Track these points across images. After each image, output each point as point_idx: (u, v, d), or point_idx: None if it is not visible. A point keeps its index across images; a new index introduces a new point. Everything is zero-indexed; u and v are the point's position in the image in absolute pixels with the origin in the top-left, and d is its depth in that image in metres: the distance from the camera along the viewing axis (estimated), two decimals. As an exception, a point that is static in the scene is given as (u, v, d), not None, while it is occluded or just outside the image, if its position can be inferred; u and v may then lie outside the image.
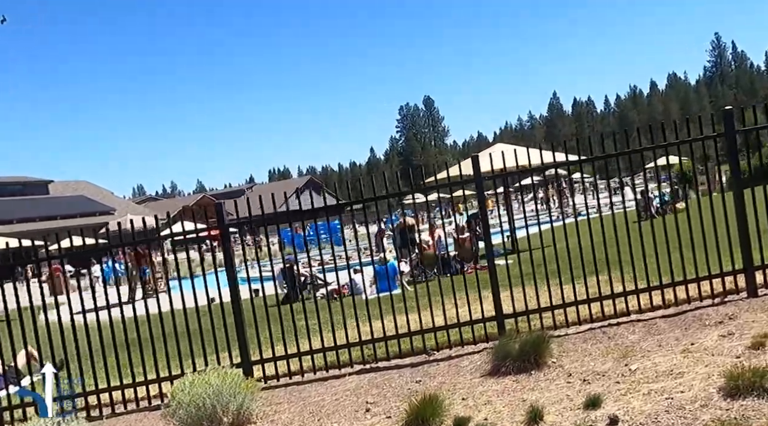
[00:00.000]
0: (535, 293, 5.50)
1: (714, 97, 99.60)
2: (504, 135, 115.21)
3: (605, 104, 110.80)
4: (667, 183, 20.44)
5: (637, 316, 5.51)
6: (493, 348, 4.79)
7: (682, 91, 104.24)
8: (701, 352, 4.35)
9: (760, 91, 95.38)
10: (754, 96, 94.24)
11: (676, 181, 20.53)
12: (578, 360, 4.67)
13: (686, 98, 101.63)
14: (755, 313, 5.03)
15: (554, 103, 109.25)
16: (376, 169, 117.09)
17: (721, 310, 5.26)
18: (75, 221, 40.13)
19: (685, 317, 5.25)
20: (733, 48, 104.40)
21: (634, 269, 5.57)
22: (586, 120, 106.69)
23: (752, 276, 5.45)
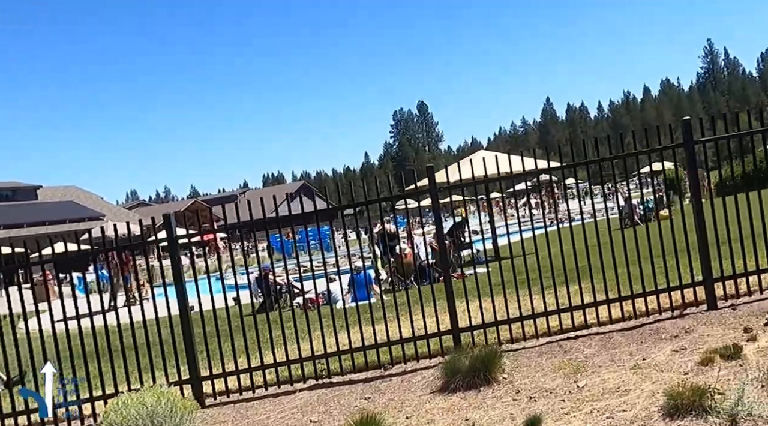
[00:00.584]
0: (504, 304, 5.42)
1: (707, 103, 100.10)
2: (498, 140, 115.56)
3: (599, 110, 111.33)
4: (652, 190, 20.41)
5: (597, 328, 5.44)
6: (444, 364, 4.71)
7: (675, 97, 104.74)
8: (651, 368, 4.28)
9: (752, 97, 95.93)
10: (747, 102, 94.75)
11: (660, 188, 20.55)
12: (529, 375, 4.59)
13: (679, 104, 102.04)
14: (711, 327, 4.97)
15: (548, 108, 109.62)
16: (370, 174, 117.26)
17: (679, 323, 5.20)
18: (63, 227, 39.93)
19: (642, 330, 5.19)
20: (725, 54, 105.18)
21: (604, 279, 5.51)
22: (579, 126, 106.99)
23: (711, 288, 5.39)
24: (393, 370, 5.30)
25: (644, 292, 5.44)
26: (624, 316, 5.50)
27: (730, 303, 5.43)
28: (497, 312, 5.44)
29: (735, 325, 4.92)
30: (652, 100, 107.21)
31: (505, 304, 5.41)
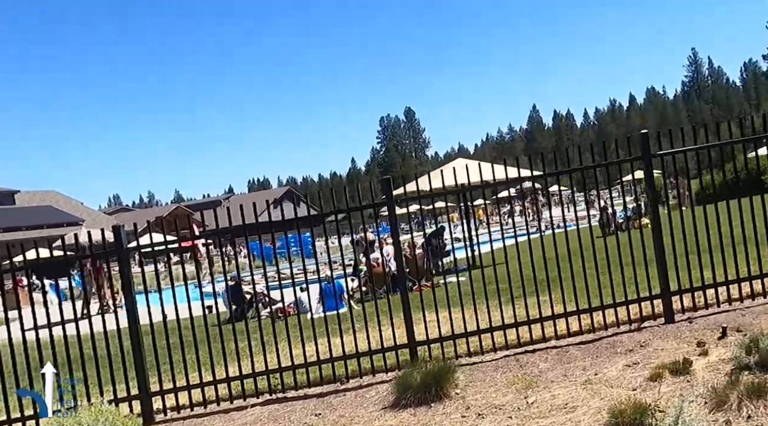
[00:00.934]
0: (470, 315, 5.39)
1: (691, 112, 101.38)
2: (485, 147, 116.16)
3: (584, 117, 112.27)
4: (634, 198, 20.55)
5: (555, 342, 5.44)
6: (396, 379, 4.67)
7: (660, 105, 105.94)
8: (601, 384, 4.28)
9: (736, 106, 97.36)
10: (730, 110, 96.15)
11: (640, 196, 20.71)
12: (482, 391, 4.57)
13: (664, 112, 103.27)
14: (666, 341, 4.99)
15: (534, 116, 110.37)
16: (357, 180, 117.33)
17: (635, 336, 5.21)
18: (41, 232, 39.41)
19: (599, 344, 5.19)
20: (709, 63, 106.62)
21: (562, 292, 5.52)
22: (565, 133, 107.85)
23: (669, 301, 5.42)
24: (349, 384, 5.25)
25: (602, 306, 5.45)
26: (583, 329, 5.51)
27: (687, 316, 5.46)
28: (461, 324, 5.43)
29: (690, 338, 4.95)
30: (637, 108, 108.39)
31: (463, 318, 5.39)
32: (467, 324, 5.47)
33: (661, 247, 5.42)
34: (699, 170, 23.87)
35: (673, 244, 5.49)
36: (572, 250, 5.72)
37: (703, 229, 5.74)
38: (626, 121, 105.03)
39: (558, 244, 5.53)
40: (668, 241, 5.50)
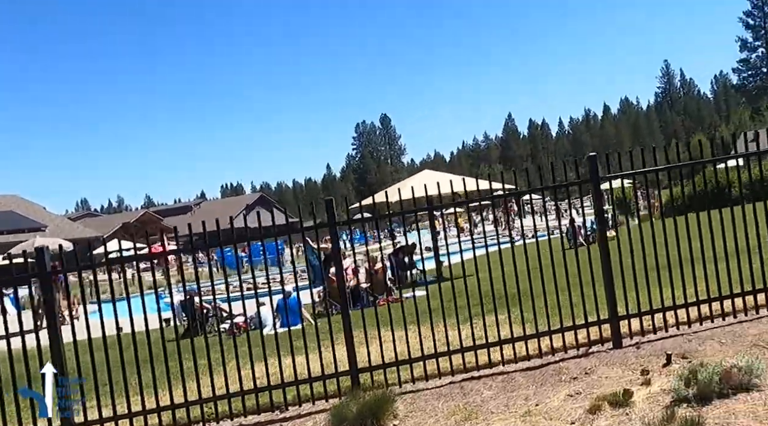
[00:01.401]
0: (427, 335, 5.25)
1: (663, 123, 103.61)
2: (461, 154, 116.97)
3: (559, 126, 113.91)
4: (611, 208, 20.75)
5: (503, 367, 5.33)
6: (332, 409, 4.52)
7: (633, 116, 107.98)
8: (541, 416, 4.19)
9: (707, 117, 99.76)
10: (701, 122, 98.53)
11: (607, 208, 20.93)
12: (422, 422, 4.44)
13: (637, 123, 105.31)
14: (612, 368, 4.93)
15: (510, 124, 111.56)
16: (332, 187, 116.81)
17: (582, 363, 5.14)
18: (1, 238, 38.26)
19: (546, 371, 5.11)
20: (681, 75, 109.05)
21: (509, 314, 5.44)
22: (540, 142, 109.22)
23: (617, 326, 5.37)
24: (288, 413, 5.08)
25: (549, 331, 5.38)
26: (532, 355, 5.42)
27: (636, 341, 5.42)
28: (414, 345, 5.28)
29: (635, 365, 4.89)
30: (611, 118, 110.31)
31: (420, 340, 5.26)
32: (419, 346, 5.34)
33: (609, 272, 5.37)
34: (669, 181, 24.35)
35: (622, 262, 5.45)
36: (542, 264, 5.55)
37: (663, 244, 5.69)
38: (600, 130, 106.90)
39: (527, 257, 5.44)
40: (626, 260, 5.47)
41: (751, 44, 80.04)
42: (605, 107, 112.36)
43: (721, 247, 5.62)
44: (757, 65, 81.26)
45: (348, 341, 5.06)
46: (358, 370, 5.10)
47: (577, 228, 18.52)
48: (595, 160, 5.42)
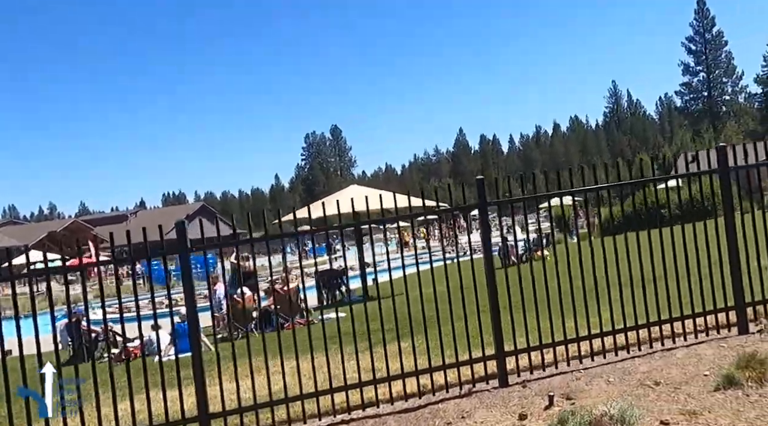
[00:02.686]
0: (289, 378, 4.76)
1: (611, 142, 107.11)
2: (412, 168, 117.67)
3: (510, 143, 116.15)
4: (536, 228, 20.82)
5: (377, 409, 4.91)
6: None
7: (582, 134, 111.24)
8: (397, 471, 3.80)
9: (651, 138, 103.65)
10: (646, 142, 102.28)
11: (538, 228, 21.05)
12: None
13: (585, 141, 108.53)
14: (491, 410, 4.60)
15: (460, 139, 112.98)
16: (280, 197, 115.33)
17: (462, 404, 4.80)
18: None
19: (422, 413, 4.73)
20: (628, 96, 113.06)
21: (400, 350, 5.05)
22: (491, 157, 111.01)
23: (503, 363, 5.06)
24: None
25: (429, 369, 5.02)
26: (412, 393, 5.03)
27: (523, 379, 5.11)
28: (291, 382, 4.80)
29: (516, 407, 4.58)
30: (561, 135, 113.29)
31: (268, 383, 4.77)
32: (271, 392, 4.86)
33: (495, 305, 5.07)
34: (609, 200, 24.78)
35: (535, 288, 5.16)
36: (463, 286, 5.16)
37: (591, 267, 5.42)
38: (550, 148, 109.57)
39: (453, 277, 5.10)
40: (551, 283, 5.21)
41: (692, 68, 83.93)
42: (555, 125, 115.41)
43: (647, 271, 5.43)
44: (698, 89, 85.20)
45: (197, 380, 4.53)
46: (210, 416, 4.58)
47: (509, 247, 18.55)
48: (482, 183, 5.13)
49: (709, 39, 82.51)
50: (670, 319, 5.47)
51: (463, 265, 5.27)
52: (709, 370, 4.74)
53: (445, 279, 5.15)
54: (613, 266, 5.42)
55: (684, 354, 5.20)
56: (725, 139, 67.03)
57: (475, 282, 5.05)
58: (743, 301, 5.48)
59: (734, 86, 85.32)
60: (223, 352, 8.32)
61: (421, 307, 5.23)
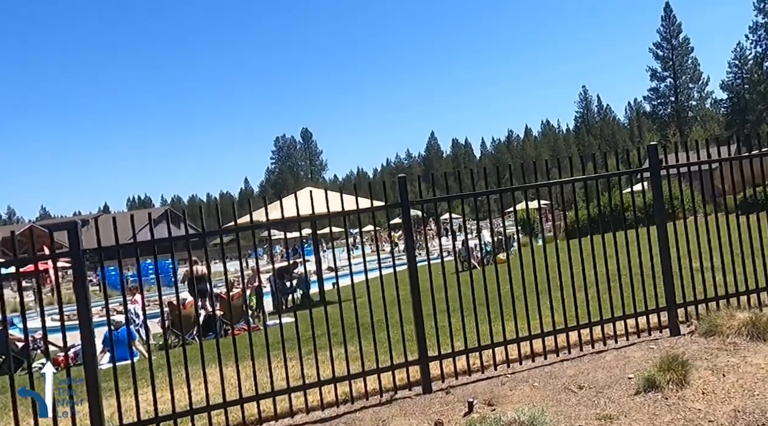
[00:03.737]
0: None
1: (581, 146, 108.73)
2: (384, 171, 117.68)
3: (482, 147, 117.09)
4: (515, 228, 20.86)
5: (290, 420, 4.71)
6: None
7: (553, 138, 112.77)
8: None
9: (620, 142, 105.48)
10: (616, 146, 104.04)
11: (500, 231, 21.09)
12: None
13: (556, 145, 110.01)
14: (408, 418, 4.42)
15: (432, 143, 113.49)
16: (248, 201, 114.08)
17: (381, 412, 4.62)
18: None
19: (337, 423, 4.55)
20: (598, 101, 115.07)
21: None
22: (463, 161, 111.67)
23: (426, 369, 4.90)
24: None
25: (348, 376, 4.83)
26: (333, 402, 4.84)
27: (447, 385, 4.96)
28: (214, 391, 4.55)
29: (435, 414, 4.42)
30: (533, 139, 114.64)
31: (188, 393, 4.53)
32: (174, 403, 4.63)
33: (419, 309, 4.91)
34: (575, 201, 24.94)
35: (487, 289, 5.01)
36: (420, 290, 4.97)
37: (545, 268, 5.30)
38: (521, 152, 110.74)
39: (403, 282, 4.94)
40: (503, 286, 5.06)
41: (660, 74, 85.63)
42: (527, 129, 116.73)
43: (590, 274, 5.33)
44: (665, 94, 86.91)
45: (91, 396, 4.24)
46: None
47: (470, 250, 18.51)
48: (404, 181, 4.98)
49: (676, 45, 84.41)
50: (601, 321, 5.39)
51: (424, 269, 5.10)
52: (634, 372, 4.65)
53: (394, 284, 4.98)
54: (560, 269, 5.34)
55: (613, 357, 5.11)
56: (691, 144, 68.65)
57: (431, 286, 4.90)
58: (674, 301, 5.43)
59: (700, 92, 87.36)
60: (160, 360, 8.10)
61: (370, 312, 5.06)
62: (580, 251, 5.58)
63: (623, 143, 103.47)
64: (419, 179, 6.87)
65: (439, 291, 5.13)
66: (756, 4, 78.94)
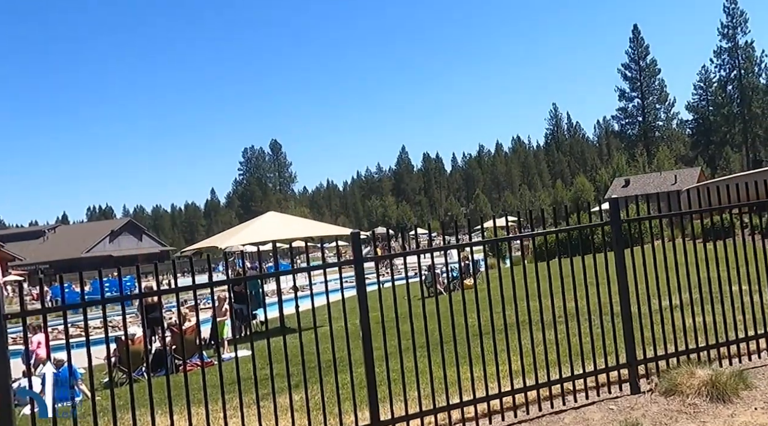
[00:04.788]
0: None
1: (551, 163, 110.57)
2: (354, 185, 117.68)
3: (453, 161, 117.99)
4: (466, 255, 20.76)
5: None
6: None
7: (524, 155, 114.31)
8: None
9: (589, 159, 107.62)
10: (585, 164, 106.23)
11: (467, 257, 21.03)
12: None
13: (527, 161, 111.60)
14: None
15: (403, 156, 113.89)
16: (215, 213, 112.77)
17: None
18: None
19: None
20: (568, 118, 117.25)
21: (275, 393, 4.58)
22: (433, 176, 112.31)
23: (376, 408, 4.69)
24: None
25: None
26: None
27: (400, 448, 4.76)
28: None
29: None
30: (503, 155, 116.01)
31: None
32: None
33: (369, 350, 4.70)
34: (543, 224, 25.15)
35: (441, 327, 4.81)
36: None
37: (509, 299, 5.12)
38: (492, 167, 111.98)
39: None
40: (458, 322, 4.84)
41: (628, 94, 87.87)
42: (498, 145, 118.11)
43: (547, 312, 5.18)
44: (633, 114, 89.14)
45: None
46: None
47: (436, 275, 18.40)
48: (358, 236, 4.79)
49: (644, 66, 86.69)
50: (560, 380, 5.26)
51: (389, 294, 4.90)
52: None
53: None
54: (527, 301, 5.18)
55: (572, 418, 4.97)
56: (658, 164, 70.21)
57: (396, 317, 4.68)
58: (635, 358, 5.34)
59: (667, 112, 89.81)
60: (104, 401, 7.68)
61: (316, 348, 4.74)
62: (549, 282, 5.37)
63: (592, 161, 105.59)
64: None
65: (402, 321, 4.90)
66: (720, 30, 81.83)
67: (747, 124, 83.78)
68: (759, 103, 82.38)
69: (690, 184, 48.04)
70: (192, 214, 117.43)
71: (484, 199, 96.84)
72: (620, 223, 5.41)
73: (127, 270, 4.98)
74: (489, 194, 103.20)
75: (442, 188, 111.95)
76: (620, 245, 5.35)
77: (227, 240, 14.04)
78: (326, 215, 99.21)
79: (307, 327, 5.11)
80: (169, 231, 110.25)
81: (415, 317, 5.05)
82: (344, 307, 4.80)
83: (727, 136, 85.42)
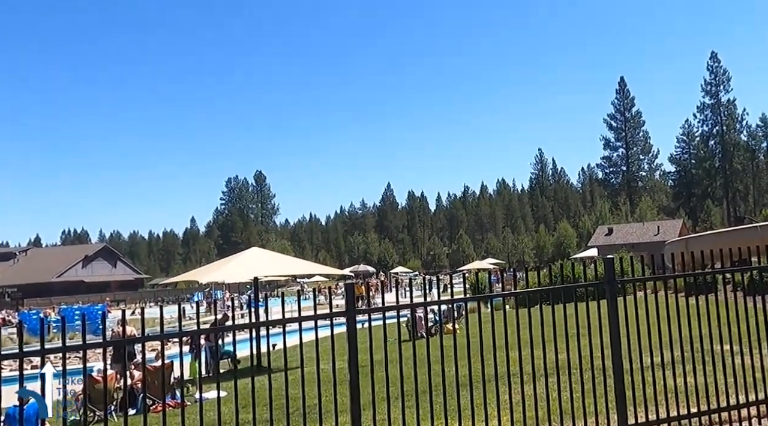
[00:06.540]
0: None
1: (535, 207, 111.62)
2: (337, 219, 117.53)
3: (437, 201, 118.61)
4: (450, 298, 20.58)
5: None
6: None
7: (508, 197, 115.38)
8: None
9: (572, 206, 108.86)
10: (568, 210, 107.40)
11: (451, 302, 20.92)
12: None
13: (511, 204, 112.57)
14: None
15: (388, 194, 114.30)
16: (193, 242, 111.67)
17: None
18: None
19: None
20: (553, 164, 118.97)
21: None
22: (417, 214, 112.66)
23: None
24: None
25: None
26: None
27: None
28: None
29: None
30: (488, 197, 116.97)
31: None
32: None
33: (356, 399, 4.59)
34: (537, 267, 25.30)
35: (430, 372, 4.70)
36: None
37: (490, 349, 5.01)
38: (476, 209, 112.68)
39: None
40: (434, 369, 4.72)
41: (613, 144, 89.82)
42: (483, 186, 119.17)
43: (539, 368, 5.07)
44: (617, 163, 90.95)
45: None
46: None
47: (418, 318, 18.21)
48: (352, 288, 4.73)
49: (629, 118, 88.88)
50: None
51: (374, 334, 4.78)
52: None
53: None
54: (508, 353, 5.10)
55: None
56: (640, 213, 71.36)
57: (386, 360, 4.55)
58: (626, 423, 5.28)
59: (650, 163, 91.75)
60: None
61: (319, 391, 4.59)
62: (530, 332, 5.30)
63: (575, 207, 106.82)
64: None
65: (381, 367, 4.79)
66: (704, 86, 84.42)
67: (728, 179, 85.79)
68: (740, 160, 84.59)
69: (672, 235, 48.57)
70: (170, 242, 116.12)
71: (467, 240, 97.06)
72: (615, 283, 5.40)
73: (98, 298, 4.88)
74: (472, 235, 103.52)
75: (425, 227, 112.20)
76: (614, 304, 5.34)
77: (208, 275, 13.84)
78: (307, 249, 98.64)
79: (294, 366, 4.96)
80: (145, 258, 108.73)
81: (393, 364, 4.92)
82: (333, 362, 4.70)
83: (709, 189, 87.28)
